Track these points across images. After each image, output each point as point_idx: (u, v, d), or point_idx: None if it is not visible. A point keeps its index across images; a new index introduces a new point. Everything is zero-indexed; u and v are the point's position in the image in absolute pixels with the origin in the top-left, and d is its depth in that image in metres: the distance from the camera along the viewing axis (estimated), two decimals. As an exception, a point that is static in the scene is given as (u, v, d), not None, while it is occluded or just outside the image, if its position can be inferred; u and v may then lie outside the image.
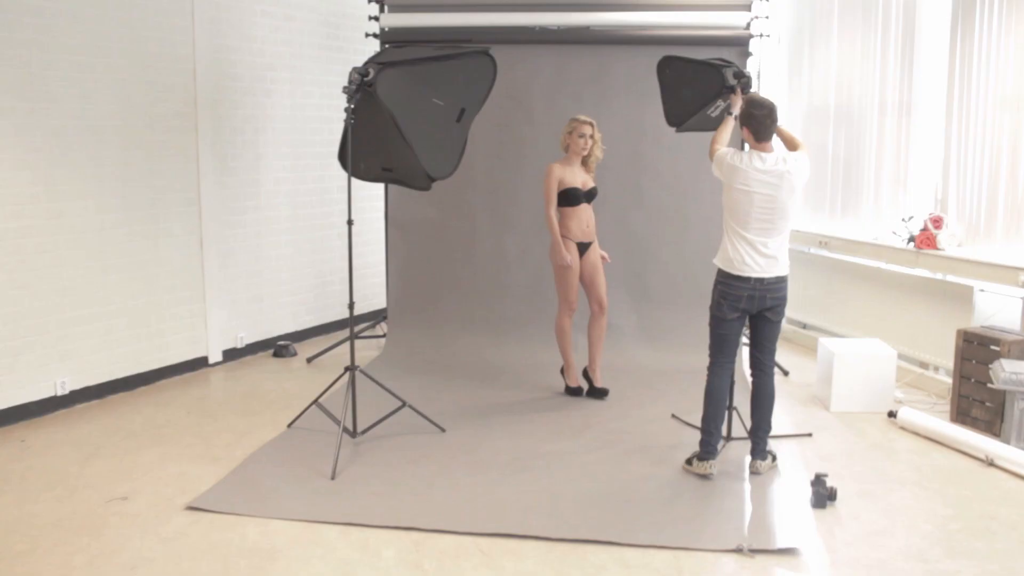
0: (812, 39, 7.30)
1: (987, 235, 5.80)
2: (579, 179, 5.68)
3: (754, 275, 4.40)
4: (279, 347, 7.04)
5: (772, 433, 4.67)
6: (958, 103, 5.92)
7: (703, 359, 6.45)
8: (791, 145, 4.61)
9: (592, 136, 5.64)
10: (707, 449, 4.52)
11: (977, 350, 5.36)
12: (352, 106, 4.69)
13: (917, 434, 5.21)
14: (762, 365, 4.59)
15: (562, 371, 5.94)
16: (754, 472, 4.57)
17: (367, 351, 7.02)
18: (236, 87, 6.71)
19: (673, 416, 5.46)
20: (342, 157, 4.94)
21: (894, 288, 6.42)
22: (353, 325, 5.06)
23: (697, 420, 5.27)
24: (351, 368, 4.93)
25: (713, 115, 5.08)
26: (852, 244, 6.80)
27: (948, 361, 5.93)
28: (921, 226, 6.14)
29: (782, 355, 6.18)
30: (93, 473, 4.58)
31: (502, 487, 4.40)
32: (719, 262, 4.52)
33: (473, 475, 4.55)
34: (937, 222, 6.04)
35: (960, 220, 6.00)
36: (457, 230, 7.04)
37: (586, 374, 5.91)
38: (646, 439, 5.09)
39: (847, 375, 5.62)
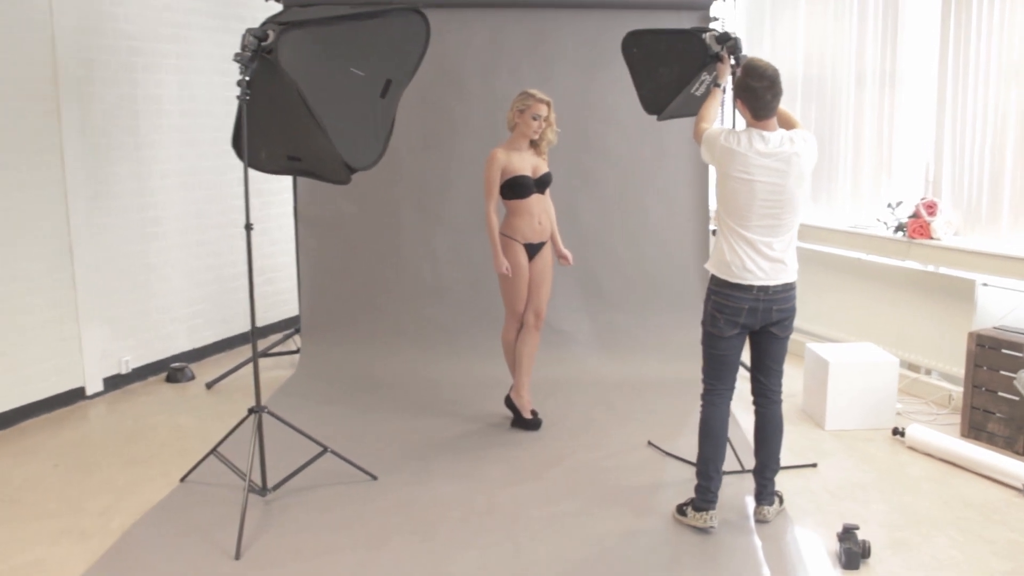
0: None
1: (991, 222, 5.10)
2: (528, 164, 4.74)
3: (757, 283, 3.56)
4: (173, 370, 5.95)
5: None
6: (953, 72, 5.20)
7: (668, 368, 5.68)
8: (788, 124, 3.77)
9: (547, 118, 4.71)
10: (705, 497, 3.67)
11: (989, 355, 4.66)
12: (247, 79, 3.68)
13: (930, 455, 4.48)
14: (767, 392, 3.76)
15: (509, 397, 5.01)
16: (761, 520, 3.76)
17: (278, 370, 6.01)
18: (109, 61, 5.58)
19: (649, 444, 4.62)
20: (237, 144, 3.93)
21: (880, 282, 5.69)
22: (257, 354, 4.05)
23: (677, 448, 4.53)
24: (256, 409, 3.94)
25: (698, 93, 4.23)
26: (827, 233, 6.05)
27: (946, 364, 5.25)
28: (912, 212, 5.43)
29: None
30: (-86, 567, 3.50)
31: (453, 556, 3.48)
32: (713, 268, 3.67)
33: (416, 540, 3.62)
34: (931, 208, 5.33)
35: (956, 206, 5.29)
36: (379, 227, 6.05)
37: (510, 402, 4.97)
38: (622, 478, 4.23)
39: (844, 388, 4.86)
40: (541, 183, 4.78)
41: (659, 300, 6.02)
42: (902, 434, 4.67)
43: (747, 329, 3.65)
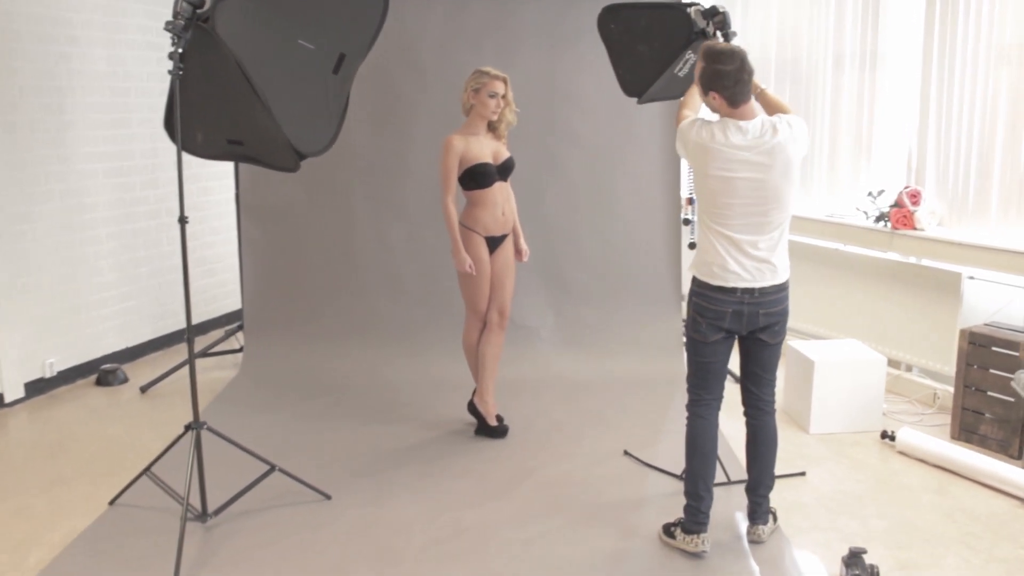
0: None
1: (978, 212, 4.85)
2: (488, 150, 4.35)
3: (741, 285, 3.21)
4: (104, 372, 5.47)
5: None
6: (939, 54, 4.93)
7: (639, 366, 5.36)
8: (777, 110, 3.40)
9: (505, 96, 4.33)
10: (696, 518, 3.34)
11: (980, 353, 4.41)
12: (180, 51, 3.24)
13: (923, 461, 4.22)
14: (759, 402, 3.43)
15: (472, 403, 4.65)
16: (755, 540, 3.44)
17: (220, 371, 5.56)
18: (27, 33, 5.05)
19: (626, 453, 4.29)
20: (169, 125, 3.48)
21: (860, 274, 5.41)
22: (193, 357, 3.60)
23: (656, 456, 4.21)
24: (194, 426, 3.51)
25: (681, 74, 3.86)
26: (803, 222, 5.74)
27: (930, 361, 5.00)
28: (894, 201, 5.16)
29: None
30: None
31: (421, 593, 3.12)
32: (694, 268, 3.32)
33: (376, 571, 3.24)
34: (915, 197, 5.07)
35: (941, 195, 5.04)
36: (329, 217, 5.61)
37: (473, 408, 4.62)
38: (600, 493, 3.88)
39: (831, 388, 4.57)
40: (504, 170, 4.40)
41: (629, 293, 5.69)
42: (891, 438, 4.40)
43: (733, 334, 3.32)
